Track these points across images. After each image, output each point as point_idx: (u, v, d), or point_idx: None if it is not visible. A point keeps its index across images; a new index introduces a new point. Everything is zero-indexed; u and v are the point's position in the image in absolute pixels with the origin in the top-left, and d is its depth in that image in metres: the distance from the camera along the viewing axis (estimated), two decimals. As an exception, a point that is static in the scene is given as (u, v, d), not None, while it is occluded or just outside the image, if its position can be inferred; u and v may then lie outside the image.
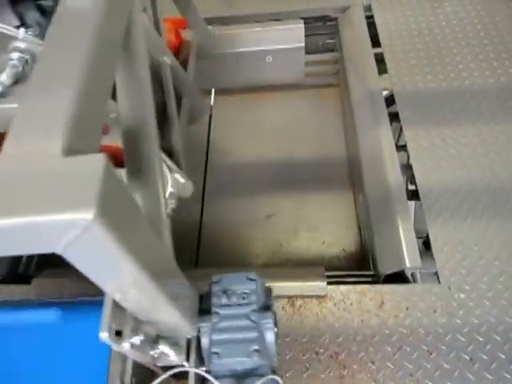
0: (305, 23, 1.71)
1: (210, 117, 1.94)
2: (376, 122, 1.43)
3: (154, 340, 0.68)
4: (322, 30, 1.85)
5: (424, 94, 1.46)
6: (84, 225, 0.35)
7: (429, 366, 1.01)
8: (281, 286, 1.16)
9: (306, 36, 1.70)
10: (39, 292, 1.22)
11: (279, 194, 1.69)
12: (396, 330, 1.06)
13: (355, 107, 1.56)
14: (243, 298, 0.73)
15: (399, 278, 1.19)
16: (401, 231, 1.19)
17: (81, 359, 0.82)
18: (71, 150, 0.38)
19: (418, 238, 1.17)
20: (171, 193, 1.18)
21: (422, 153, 1.34)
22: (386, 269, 1.22)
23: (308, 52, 1.78)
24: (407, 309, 1.09)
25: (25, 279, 1.29)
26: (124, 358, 0.76)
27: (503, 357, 1.01)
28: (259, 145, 1.83)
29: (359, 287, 1.14)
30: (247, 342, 0.69)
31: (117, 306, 0.58)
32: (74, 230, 0.35)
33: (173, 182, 1.16)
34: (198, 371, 0.72)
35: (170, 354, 0.69)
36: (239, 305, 0.73)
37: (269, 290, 0.79)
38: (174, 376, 0.75)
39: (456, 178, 1.28)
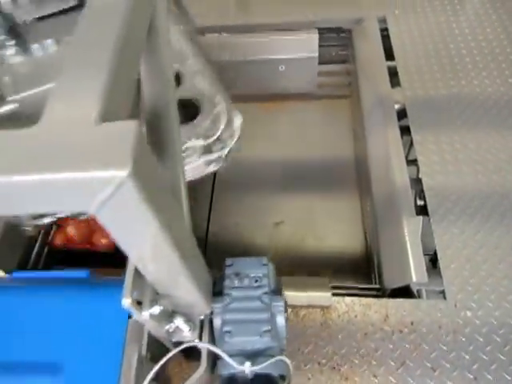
0: (319, 33, 1.72)
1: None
2: (386, 134, 1.43)
3: (169, 314, 0.68)
4: (336, 41, 1.85)
5: (437, 108, 1.45)
6: (118, 182, 0.36)
7: (432, 383, 1.00)
8: (285, 295, 1.17)
9: (319, 46, 1.72)
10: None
11: (288, 202, 1.69)
12: (400, 344, 1.06)
13: (366, 119, 1.56)
14: (255, 281, 0.74)
15: (405, 292, 1.18)
16: (408, 244, 1.19)
17: (100, 331, 0.85)
18: (105, 117, 0.42)
19: (424, 254, 1.17)
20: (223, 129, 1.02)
21: (432, 167, 1.33)
22: (391, 283, 1.22)
23: (321, 62, 1.79)
24: (412, 324, 1.08)
25: (34, 276, 1.32)
26: (140, 333, 0.78)
27: (508, 378, 1.00)
28: (269, 154, 1.84)
29: (364, 300, 1.13)
30: (259, 323, 0.70)
31: (138, 276, 0.59)
32: (109, 186, 0.37)
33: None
34: (210, 346, 0.71)
35: (184, 329, 0.69)
36: (251, 287, 0.73)
37: (279, 278, 0.79)
38: (186, 357, 0.75)
39: (467, 194, 1.27)
